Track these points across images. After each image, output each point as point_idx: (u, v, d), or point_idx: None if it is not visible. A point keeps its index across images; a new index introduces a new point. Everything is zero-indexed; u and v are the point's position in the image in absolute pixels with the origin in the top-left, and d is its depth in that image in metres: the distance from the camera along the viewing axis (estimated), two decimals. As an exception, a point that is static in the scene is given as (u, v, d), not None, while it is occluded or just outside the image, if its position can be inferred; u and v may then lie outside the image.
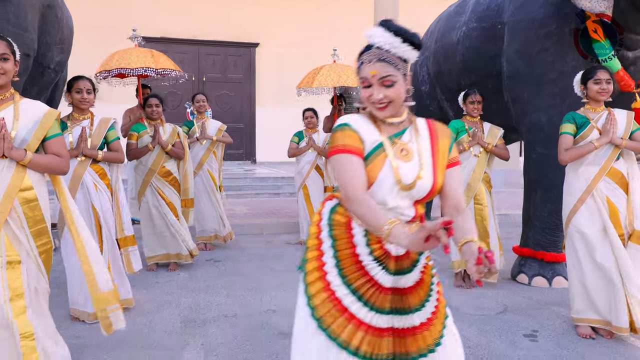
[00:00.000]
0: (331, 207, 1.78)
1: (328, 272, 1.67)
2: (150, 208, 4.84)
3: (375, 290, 1.65)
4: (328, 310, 1.64)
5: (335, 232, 1.71)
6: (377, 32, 1.67)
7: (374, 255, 1.66)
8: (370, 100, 1.68)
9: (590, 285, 3.34)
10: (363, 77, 1.68)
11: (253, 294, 4.22)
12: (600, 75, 3.29)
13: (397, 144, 1.69)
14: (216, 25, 13.35)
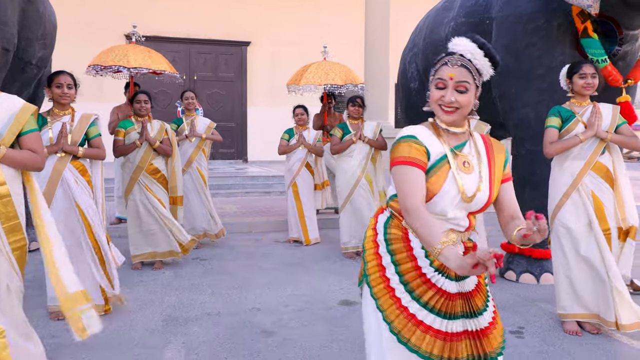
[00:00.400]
0: (385, 221, 1.81)
1: (395, 288, 1.71)
2: (138, 205, 4.78)
3: (445, 299, 1.69)
4: (405, 325, 1.68)
5: (394, 247, 1.74)
6: (462, 42, 1.71)
7: (434, 266, 1.70)
8: (440, 102, 1.69)
9: (577, 280, 3.31)
10: (440, 78, 1.69)
11: (238, 292, 4.16)
12: (586, 70, 3.27)
13: (460, 156, 1.72)
14: (208, 24, 13.28)
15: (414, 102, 6.07)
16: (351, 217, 5.40)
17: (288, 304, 3.89)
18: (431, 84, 1.72)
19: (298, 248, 5.85)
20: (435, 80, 1.70)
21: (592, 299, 3.29)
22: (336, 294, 4.15)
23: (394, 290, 1.71)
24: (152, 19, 12.57)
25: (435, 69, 1.72)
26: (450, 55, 1.70)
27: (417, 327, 1.67)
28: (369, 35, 10.38)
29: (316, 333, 3.32)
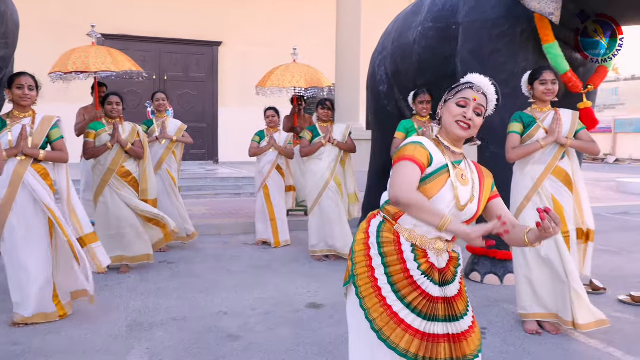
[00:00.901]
0: (377, 225, 1.92)
1: (382, 287, 1.82)
2: (109, 208, 4.72)
3: (427, 302, 1.81)
4: (386, 323, 1.79)
5: (385, 250, 1.85)
6: (484, 80, 1.96)
7: (421, 270, 1.82)
8: (460, 117, 1.87)
9: (536, 281, 3.40)
10: (464, 97, 1.90)
11: (205, 296, 4.13)
12: (546, 76, 3.35)
13: (458, 169, 1.89)
14: (178, 24, 13.15)
15: (382, 104, 6.13)
16: (320, 220, 5.41)
17: (255, 307, 3.89)
18: (450, 102, 1.91)
19: (266, 250, 5.84)
20: (457, 99, 1.89)
21: (551, 299, 3.38)
22: (304, 296, 4.15)
23: (381, 289, 1.82)
24: (120, 18, 12.39)
25: (458, 89, 1.92)
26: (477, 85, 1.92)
27: (399, 325, 1.78)
28: (340, 37, 10.45)
29: (282, 337, 3.32)
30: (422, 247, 1.83)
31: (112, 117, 4.77)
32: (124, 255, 4.80)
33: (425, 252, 1.83)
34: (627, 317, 3.73)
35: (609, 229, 7.26)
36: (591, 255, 3.72)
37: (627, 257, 5.68)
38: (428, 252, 1.84)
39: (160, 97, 5.84)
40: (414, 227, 1.84)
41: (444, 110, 1.92)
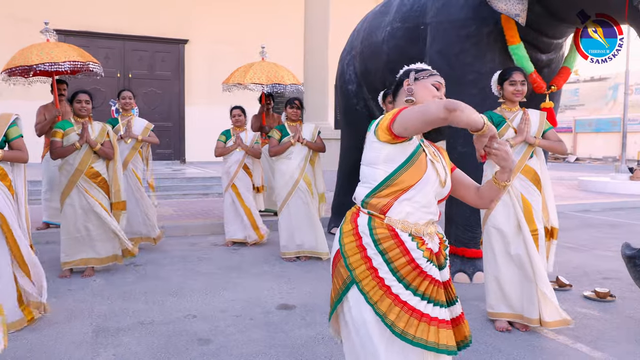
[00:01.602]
0: (367, 222, 1.79)
1: (391, 285, 1.71)
2: (76, 210, 4.56)
3: (437, 288, 1.75)
4: (407, 321, 1.68)
5: (385, 246, 1.74)
6: None
7: (425, 257, 1.74)
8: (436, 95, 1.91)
9: (504, 281, 3.44)
10: (438, 81, 1.95)
11: (173, 299, 4.04)
12: (515, 77, 3.40)
13: (427, 148, 1.86)
14: (143, 20, 12.89)
15: (351, 103, 6.13)
16: (289, 220, 5.37)
17: (225, 309, 3.82)
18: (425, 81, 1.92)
19: (236, 251, 5.76)
20: (432, 81, 1.93)
21: (518, 300, 3.42)
22: (275, 298, 4.11)
23: (390, 288, 1.71)
24: (83, 13, 12.06)
25: (430, 73, 1.96)
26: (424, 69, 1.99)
27: (420, 319, 1.68)
28: (308, 36, 10.42)
29: (254, 339, 3.27)
30: (418, 235, 1.76)
31: (80, 116, 4.60)
32: (91, 258, 4.65)
33: (422, 239, 1.77)
34: (592, 312, 3.82)
35: (571, 227, 7.45)
36: (554, 252, 3.80)
37: (590, 253, 5.83)
38: (424, 239, 1.77)
39: (127, 95, 5.69)
40: (405, 217, 1.76)
41: (418, 87, 1.90)
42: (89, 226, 4.60)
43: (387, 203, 1.75)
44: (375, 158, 1.79)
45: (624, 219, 8.49)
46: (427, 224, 1.79)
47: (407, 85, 1.93)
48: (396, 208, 1.75)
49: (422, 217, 1.77)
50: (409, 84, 1.93)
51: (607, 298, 4.12)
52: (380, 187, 1.76)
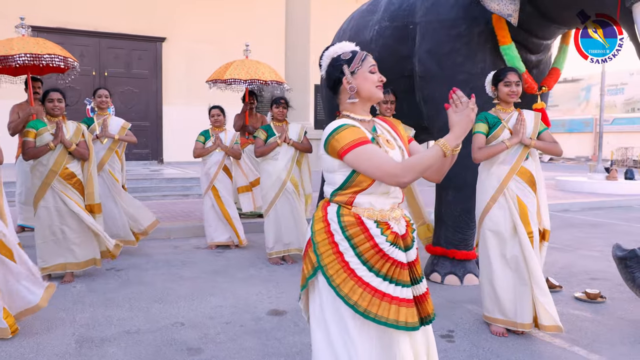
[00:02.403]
0: (336, 211, 1.89)
1: (355, 268, 1.82)
2: (52, 212, 4.37)
3: (400, 269, 1.84)
4: (369, 301, 1.79)
5: (351, 232, 1.85)
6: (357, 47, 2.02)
7: (389, 241, 1.84)
8: (377, 82, 1.93)
9: (498, 286, 3.39)
10: (373, 64, 1.94)
11: (159, 306, 3.89)
12: (510, 78, 3.35)
13: (380, 136, 1.92)
14: (119, 17, 12.60)
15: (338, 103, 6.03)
16: (276, 222, 5.25)
17: (213, 316, 3.69)
18: (361, 71, 1.92)
19: (221, 254, 5.63)
20: (368, 68, 1.92)
21: (511, 305, 3.35)
22: (264, 303, 3.99)
23: (354, 271, 1.82)
24: (58, 10, 11.72)
25: (362, 58, 1.94)
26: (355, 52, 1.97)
27: (382, 299, 1.79)
28: (289, 35, 10.31)
29: (246, 348, 3.15)
30: (383, 221, 1.86)
31: (54, 115, 4.42)
32: (68, 262, 4.47)
33: (388, 224, 1.86)
34: (585, 314, 3.81)
35: (553, 226, 7.38)
36: (545, 254, 3.77)
37: (574, 253, 5.86)
38: (390, 223, 1.86)
39: (103, 93, 5.49)
40: (370, 205, 1.86)
41: (358, 81, 1.91)
42: (65, 229, 4.42)
43: (350, 197, 1.87)
44: (330, 166, 1.89)
45: (604, 218, 8.61)
46: (392, 209, 1.90)
47: (347, 84, 1.93)
48: (360, 200, 1.86)
49: (385, 202, 1.88)
50: (349, 81, 1.93)
51: (598, 299, 4.12)
52: (341, 188, 1.88)
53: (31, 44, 5.13)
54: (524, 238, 3.30)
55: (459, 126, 1.79)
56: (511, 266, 3.37)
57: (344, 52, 1.96)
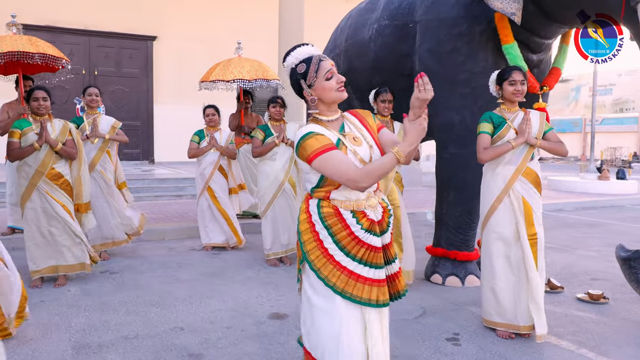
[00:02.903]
0: (316, 203, 2.08)
1: (334, 254, 2.03)
2: (39, 213, 4.26)
3: (374, 253, 2.04)
4: (346, 282, 2.01)
5: (329, 222, 2.04)
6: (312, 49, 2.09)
7: (364, 228, 2.02)
8: (337, 85, 2.03)
9: (499, 289, 3.34)
10: (328, 69, 2.03)
11: (157, 310, 3.80)
12: (515, 77, 3.30)
13: (347, 135, 2.07)
14: (109, 15, 12.44)
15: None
16: (274, 223, 5.18)
17: (213, 320, 3.60)
18: (318, 81, 2.02)
19: (217, 256, 5.54)
20: (324, 75, 2.02)
21: (512, 309, 3.31)
22: (264, 306, 3.91)
23: (333, 256, 2.02)
24: (47, 8, 11.53)
25: (317, 67, 2.02)
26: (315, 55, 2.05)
27: (357, 280, 2.00)
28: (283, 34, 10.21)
29: (249, 353, 3.07)
30: (359, 210, 2.03)
31: (39, 115, 4.29)
32: (60, 265, 4.36)
33: (364, 212, 2.03)
34: (589, 316, 3.77)
35: (549, 226, 7.44)
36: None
37: (572, 253, 5.84)
38: (366, 212, 2.04)
39: (93, 92, 5.35)
40: (346, 198, 2.04)
41: (318, 91, 2.03)
42: (53, 231, 4.31)
43: (326, 193, 2.05)
44: (305, 168, 2.05)
45: (598, 218, 8.63)
46: (367, 198, 2.06)
47: (308, 97, 2.06)
48: (335, 195, 2.04)
49: (361, 193, 2.04)
50: (308, 95, 2.06)
51: (601, 300, 4.09)
52: (317, 186, 2.06)
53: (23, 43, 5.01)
54: (525, 242, 3.25)
55: (411, 135, 1.88)
56: (514, 269, 3.33)
57: (299, 62, 2.06)
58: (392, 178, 4.33)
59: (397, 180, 4.43)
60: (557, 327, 3.51)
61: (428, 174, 12.36)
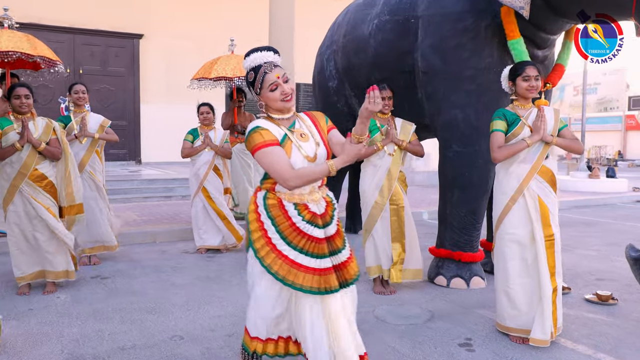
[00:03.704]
0: (263, 196, 2.28)
1: (276, 243, 2.20)
2: (22, 217, 4.05)
3: (315, 243, 2.20)
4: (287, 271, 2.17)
5: (273, 213, 2.22)
6: (267, 55, 2.25)
7: (305, 220, 2.20)
8: (282, 96, 2.20)
9: (514, 293, 3.22)
10: (272, 82, 2.18)
11: (153, 317, 3.62)
12: (529, 72, 3.18)
13: (295, 131, 2.25)
14: (95, 13, 12.15)
15: (331, 101, 5.82)
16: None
17: (214, 328, 3.43)
18: (264, 91, 2.20)
19: (212, 259, 5.36)
20: (268, 86, 2.19)
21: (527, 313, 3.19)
22: (266, 312, 3.75)
23: (275, 245, 2.19)
24: (31, 4, 11.21)
25: (262, 79, 2.19)
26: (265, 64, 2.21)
27: (298, 269, 2.16)
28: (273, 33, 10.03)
29: (254, 362, 2.91)
30: (302, 203, 2.21)
31: (21, 113, 4.08)
32: (47, 270, 4.16)
33: (306, 205, 2.21)
34: (601, 317, 3.68)
35: (546, 225, 7.41)
36: None
37: (574, 253, 5.77)
38: (308, 205, 2.21)
39: (80, 89, 5.13)
40: (290, 191, 2.20)
41: (264, 99, 2.22)
42: (37, 235, 4.10)
43: (272, 185, 2.25)
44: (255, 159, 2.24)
45: (592, 216, 8.60)
46: (310, 192, 2.24)
47: (257, 102, 2.28)
48: (280, 186, 2.21)
49: (304, 187, 2.20)
50: (257, 100, 2.28)
51: (610, 301, 4.00)
52: (264, 178, 2.29)
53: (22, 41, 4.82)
54: (540, 245, 3.14)
55: (348, 154, 2.05)
56: (530, 272, 3.20)
57: (249, 70, 2.24)
58: (397, 177, 4.20)
59: (402, 179, 4.30)
60: (571, 330, 3.40)
61: (421, 173, 12.29)
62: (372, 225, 4.21)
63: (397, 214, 4.22)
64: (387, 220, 4.19)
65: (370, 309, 3.81)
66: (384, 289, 4.24)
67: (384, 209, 4.18)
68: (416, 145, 4.32)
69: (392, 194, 4.19)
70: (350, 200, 6.86)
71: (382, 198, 4.18)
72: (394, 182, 4.20)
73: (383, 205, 4.18)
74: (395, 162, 4.21)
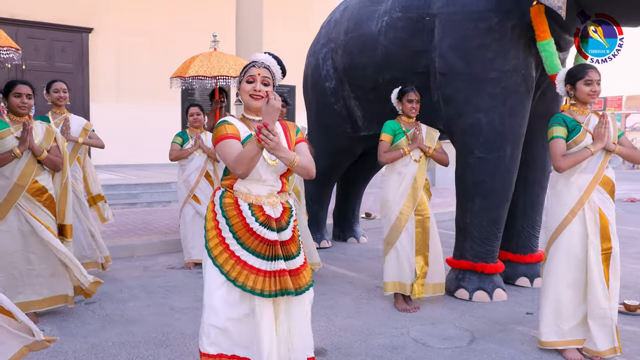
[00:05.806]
0: (220, 195, 2.29)
1: (229, 243, 2.22)
2: (14, 237, 3.47)
3: (267, 245, 2.20)
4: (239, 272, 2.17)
5: (228, 213, 2.24)
6: (264, 56, 2.30)
7: (259, 221, 2.21)
8: (251, 91, 2.23)
9: (565, 310, 3.03)
10: (251, 75, 2.24)
11: (167, 352, 3.14)
12: (592, 76, 2.97)
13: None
14: (40, 4, 11.19)
15: (328, 102, 5.46)
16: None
17: None
18: (242, 82, 2.26)
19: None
20: (246, 77, 2.24)
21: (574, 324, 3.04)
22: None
23: (228, 245, 2.21)
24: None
25: (245, 70, 2.26)
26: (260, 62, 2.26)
27: (249, 271, 2.17)
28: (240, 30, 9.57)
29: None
30: (258, 204, 2.22)
31: (20, 115, 3.51)
32: (32, 301, 3.57)
33: (261, 207, 2.22)
34: (636, 329, 3.54)
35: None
36: None
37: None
38: (264, 207, 2.22)
39: (61, 87, 4.59)
40: (247, 190, 2.23)
41: (241, 91, 2.27)
42: (31, 257, 3.54)
43: (231, 182, 2.26)
44: None
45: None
46: (268, 195, 2.25)
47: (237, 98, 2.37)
48: (238, 186, 2.24)
49: (262, 190, 2.24)
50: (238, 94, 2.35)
51: (638, 311, 3.90)
52: (224, 175, 2.30)
53: None
54: (598, 258, 2.95)
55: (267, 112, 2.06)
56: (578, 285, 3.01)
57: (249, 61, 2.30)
58: (422, 186, 3.92)
59: (426, 187, 4.04)
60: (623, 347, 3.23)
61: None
62: (395, 238, 3.92)
63: (422, 225, 3.95)
64: (412, 232, 3.91)
65: (403, 330, 3.51)
66: (407, 306, 3.95)
67: (408, 219, 3.89)
68: (442, 153, 4.07)
69: (418, 204, 3.91)
70: (338, 208, 6.57)
71: (407, 208, 3.89)
72: (419, 190, 3.92)
73: (408, 216, 3.89)
74: (421, 170, 3.94)
